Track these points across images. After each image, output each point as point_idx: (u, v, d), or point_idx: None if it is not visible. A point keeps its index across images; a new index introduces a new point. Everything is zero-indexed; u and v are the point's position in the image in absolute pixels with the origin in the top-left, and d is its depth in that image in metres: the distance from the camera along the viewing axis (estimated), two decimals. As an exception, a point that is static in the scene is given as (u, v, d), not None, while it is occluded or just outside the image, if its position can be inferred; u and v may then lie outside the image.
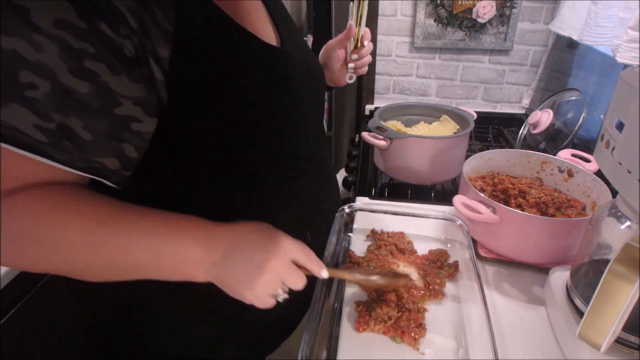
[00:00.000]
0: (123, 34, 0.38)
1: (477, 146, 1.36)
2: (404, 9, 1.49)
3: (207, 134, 0.48)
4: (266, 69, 0.54)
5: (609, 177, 0.52)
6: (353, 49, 0.81)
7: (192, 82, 0.45)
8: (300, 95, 0.60)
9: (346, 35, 0.79)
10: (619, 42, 0.91)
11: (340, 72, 0.84)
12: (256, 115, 0.52)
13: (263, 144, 0.54)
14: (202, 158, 0.50)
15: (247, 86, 0.50)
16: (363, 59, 0.83)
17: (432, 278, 0.67)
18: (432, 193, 1.05)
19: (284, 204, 0.61)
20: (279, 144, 0.57)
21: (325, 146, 0.72)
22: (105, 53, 0.38)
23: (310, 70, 0.66)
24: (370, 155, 1.19)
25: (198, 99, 0.46)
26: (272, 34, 0.60)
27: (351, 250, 0.74)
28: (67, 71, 0.37)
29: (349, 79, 0.84)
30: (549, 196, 0.80)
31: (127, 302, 0.57)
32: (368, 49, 0.83)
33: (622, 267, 0.43)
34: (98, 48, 0.38)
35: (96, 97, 0.39)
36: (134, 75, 0.40)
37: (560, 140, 1.08)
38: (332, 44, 0.82)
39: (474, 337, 0.59)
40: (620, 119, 0.49)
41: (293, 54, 0.60)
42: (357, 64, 0.83)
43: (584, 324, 0.48)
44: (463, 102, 1.64)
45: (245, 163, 0.54)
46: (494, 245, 0.76)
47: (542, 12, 1.44)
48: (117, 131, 0.41)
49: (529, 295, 0.71)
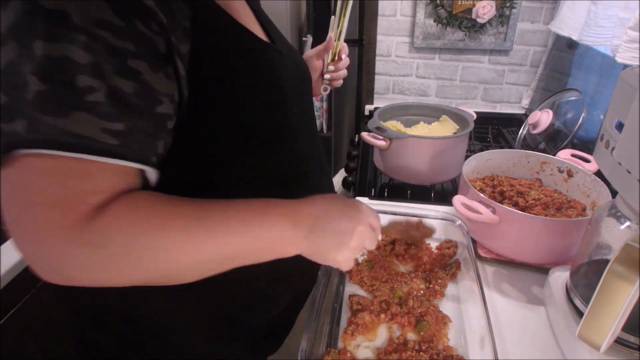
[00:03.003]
0: (155, 31, 0.39)
1: (476, 146, 1.36)
2: (403, 9, 1.49)
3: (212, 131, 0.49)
4: (265, 66, 0.54)
5: (608, 178, 0.52)
6: (330, 61, 0.84)
7: (206, 77, 0.46)
8: (293, 92, 0.61)
9: (325, 47, 0.82)
10: (618, 42, 0.91)
11: (316, 82, 0.86)
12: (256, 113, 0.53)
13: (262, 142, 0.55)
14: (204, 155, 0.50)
15: (251, 83, 0.51)
16: (339, 72, 0.86)
17: (434, 278, 0.68)
18: (432, 193, 1.05)
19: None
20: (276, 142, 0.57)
21: (321, 145, 0.73)
22: (145, 51, 0.38)
23: (299, 69, 0.67)
24: (370, 156, 1.19)
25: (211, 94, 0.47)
26: (262, 33, 0.61)
27: None
28: (112, 71, 0.36)
29: (323, 90, 0.86)
30: (549, 197, 0.80)
31: (127, 304, 0.57)
32: (345, 63, 0.86)
33: (622, 267, 0.43)
34: (138, 46, 0.37)
35: (140, 95, 0.39)
36: (168, 72, 0.41)
37: (560, 140, 1.08)
38: (311, 54, 0.85)
39: (474, 337, 0.59)
40: (620, 119, 0.49)
41: (283, 52, 0.61)
42: (333, 76, 0.86)
43: (584, 324, 0.48)
44: (463, 103, 1.64)
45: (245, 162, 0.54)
46: (494, 245, 0.76)
47: (541, 12, 1.44)
48: (158, 130, 0.42)
49: (528, 295, 0.71)
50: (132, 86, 0.38)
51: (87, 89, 0.35)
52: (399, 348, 0.56)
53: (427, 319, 0.59)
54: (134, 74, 0.38)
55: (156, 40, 0.39)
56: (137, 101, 0.38)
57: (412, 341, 0.58)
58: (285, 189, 0.60)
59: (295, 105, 0.62)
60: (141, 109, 0.39)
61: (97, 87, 0.36)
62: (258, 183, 0.57)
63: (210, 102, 0.47)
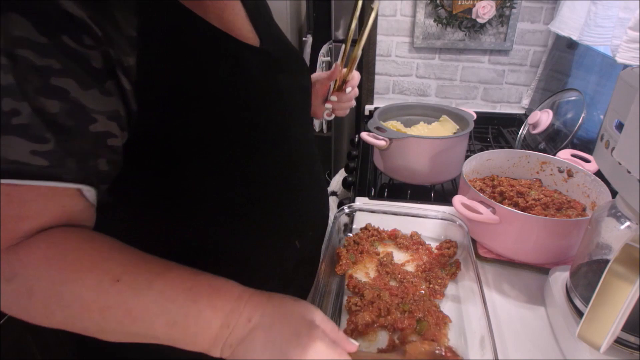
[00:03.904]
0: (88, 45, 0.36)
1: (476, 146, 1.36)
2: (403, 9, 1.49)
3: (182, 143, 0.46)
4: (241, 69, 0.51)
5: (608, 178, 0.52)
6: (335, 89, 0.78)
7: (162, 89, 0.43)
8: (283, 95, 0.58)
9: (329, 76, 0.76)
10: (618, 42, 0.91)
11: (317, 107, 0.81)
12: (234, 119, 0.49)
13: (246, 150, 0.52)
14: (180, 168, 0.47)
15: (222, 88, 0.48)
16: (342, 104, 0.80)
17: (434, 278, 0.68)
18: (432, 193, 1.05)
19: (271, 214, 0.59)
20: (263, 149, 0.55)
21: (315, 149, 0.70)
22: (73, 67, 0.36)
23: (293, 70, 0.63)
24: (370, 156, 1.19)
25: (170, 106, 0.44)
26: (250, 33, 0.57)
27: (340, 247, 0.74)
28: (35, 91, 0.35)
29: (327, 116, 0.81)
30: (549, 197, 0.80)
31: None
32: (351, 96, 0.79)
33: (621, 267, 0.43)
34: (64, 63, 0.36)
35: (70, 115, 0.37)
36: (105, 88, 0.38)
37: (560, 140, 1.08)
38: (315, 79, 0.79)
39: (474, 337, 0.59)
40: (620, 119, 0.49)
41: (273, 52, 0.58)
42: (335, 106, 0.80)
43: (584, 324, 0.48)
44: (463, 103, 1.64)
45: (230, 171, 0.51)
46: (494, 245, 0.76)
47: (541, 13, 1.44)
48: (96, 149, 0.39)
49: (528, 296, 0.71)
50: (59, 106, 0.36)
51: (13, 112, 0.34)
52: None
53: (427, 319, 0.59)
54: (59, 92, 0.36)
55: (89, 55, 0.37)
56: (67, 121, 0.36)
57: (412, 341, 0.58)
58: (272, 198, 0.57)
59: (286, 105, 0.59)
60: (72, 128, 0.37)
61: (21, 110, 0.34)
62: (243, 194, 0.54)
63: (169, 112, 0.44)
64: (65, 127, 0.37)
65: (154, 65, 0.42)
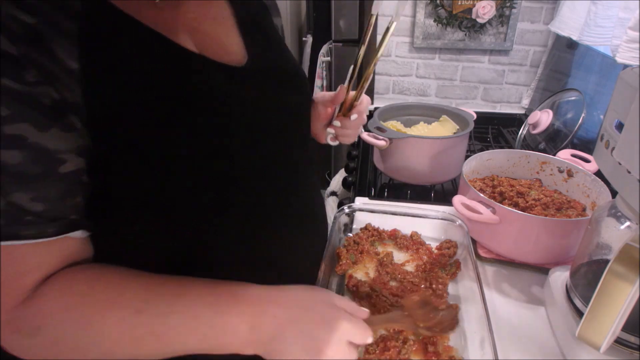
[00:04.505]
0: (32, 82, 0.33)
1: (476, 146, 1.36)
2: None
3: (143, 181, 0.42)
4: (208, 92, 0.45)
5: (608, 178, 0.52)
6: (339, 114, 0.68)
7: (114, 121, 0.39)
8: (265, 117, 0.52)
9: (333, 99, 0.66)
10: (618, 42, 0.91)
11: (320, 130, 0.71)
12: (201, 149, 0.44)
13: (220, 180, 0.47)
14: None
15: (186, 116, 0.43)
16: (346, 130, 0.69)
17: (434, 278, 0.67)
18: (432, 193, 1.05)
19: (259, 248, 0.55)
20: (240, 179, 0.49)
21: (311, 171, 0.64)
22: (24, 110, 0.33)
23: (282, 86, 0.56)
24: (370, 156, 1.19)
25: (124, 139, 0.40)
26: (236, 48, 0.52)
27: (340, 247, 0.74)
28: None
29: (330, 141, 0.71)
30: (549, 197, 0.80)
31: None
32: (356, 123, 0.69)
33: (621, 267, 0.43)
34: (12, 108, 0.32)
35: (34, 162, 0.34)
36: (66, 123, 0.35)
37: (560, 140, 1.08)
38: (317, 98, 0.70)
39: (474, 337, 0.59)
40: (620, 119, 0.49)
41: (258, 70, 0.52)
42: (338, 132, 0.69)
43: (584, 324, 0.48)
44: (463, 103, 1.64)
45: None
46: (494, 245, 0.76)
47: (541, 13, 1.44)
48: (71, 189, 0.38)
49: (528, 296, 0.71)
50: (19, 155, 0.33)
51: None
52: None
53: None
54: (16, 140, 0.33)
55: (37, 92, 0.33)
56: (33, 169, 0.34)
57: (412, 341, 0.58)
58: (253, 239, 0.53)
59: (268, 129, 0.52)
60: (40, 176, 0.35)
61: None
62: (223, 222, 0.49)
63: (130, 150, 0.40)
64: (34, 176, 0.34)
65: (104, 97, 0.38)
